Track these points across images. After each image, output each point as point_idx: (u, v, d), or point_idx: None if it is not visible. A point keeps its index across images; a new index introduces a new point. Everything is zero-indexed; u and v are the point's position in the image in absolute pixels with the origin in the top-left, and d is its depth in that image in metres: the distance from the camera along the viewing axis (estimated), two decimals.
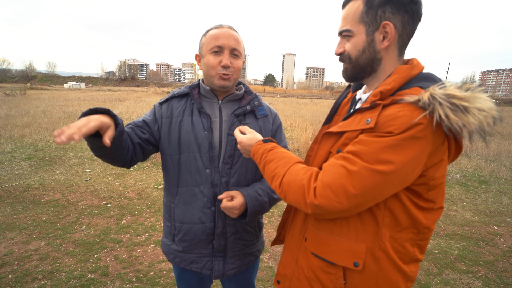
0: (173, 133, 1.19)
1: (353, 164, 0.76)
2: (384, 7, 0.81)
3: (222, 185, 1.18)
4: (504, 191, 5.07)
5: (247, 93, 1.29)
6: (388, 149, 0.73)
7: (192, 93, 1.22)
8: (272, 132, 1.32)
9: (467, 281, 2.56)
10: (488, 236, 3.41)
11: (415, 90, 0.78)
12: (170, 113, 1.21)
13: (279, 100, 29.69)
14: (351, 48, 0.88)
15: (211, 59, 1.13)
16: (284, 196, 0.87)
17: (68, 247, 2.86)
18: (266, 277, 2.53)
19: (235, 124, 1.20)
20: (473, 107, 0.72)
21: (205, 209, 1.19)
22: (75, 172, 5.09)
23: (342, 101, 1.09)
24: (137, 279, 2.44)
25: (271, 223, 3.54)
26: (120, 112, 12.72)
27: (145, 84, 78.40)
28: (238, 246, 1.26)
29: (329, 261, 0.88)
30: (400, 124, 0.73)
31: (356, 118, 0.84)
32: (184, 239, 1.21)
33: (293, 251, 1.03)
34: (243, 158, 1.21)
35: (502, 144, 8.97)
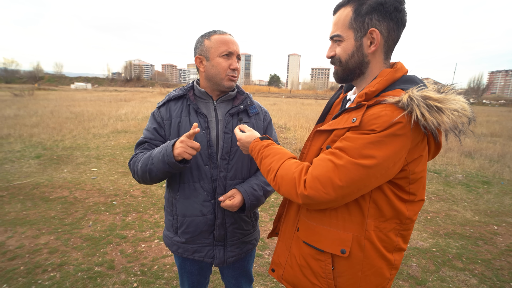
0: (173, 133, 1.28)
1: (340, 159, 0.83)
2: (371, 14, 0.89)
3: (221, 179, 1.28)
4: (506, 192, 5.07)
5: (239, 93, 1.38)
6: (370, 145, 0.81)
7: (188, 95, 1.31)
8: (264, 128, 1.42)
9: (463, 278, 2.60)
10: (487, 236, 3.44)
11: (397, 92, 0.86)
12: (169, 115, 1.30)
13: (284, 101, 29.70)
14: (341, 52, 0.96)
15: (222, 62, 1.23)
16: (278, 188, 0.94)
17: (76, 241, 2.97)
18: (266, 273, 2.61)
19: (230, 122, 1.30)
20: (446, 107, 0.79)
21: (205, 202, 1.28)
22: (82, 171, 5.22)
23: (334, 101, 1.16)
24: (142, 272, 2.53)
25: (272, 220, 3.62)
26: (126, 112, 12.91)
27: (150, 84, 79.04)
28: (237, 235, 1.35)
29: (318, 249, 0.95)
30: (382, 123, 0.80)
31: (343, 117, 0.91)
32: (187, 231, 1.30)
33: (287, 241, 1.10)
34: (239, 154, 1.31)
35: (508, 145, 8.92)
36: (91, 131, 8.77)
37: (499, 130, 12.17)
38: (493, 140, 9.80)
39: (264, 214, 3.80)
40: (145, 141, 1.33)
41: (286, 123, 10.88)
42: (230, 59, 1.24)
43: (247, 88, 74.43)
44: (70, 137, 7.89)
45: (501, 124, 14.81)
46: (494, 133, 11.60)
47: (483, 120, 16.24)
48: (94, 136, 8.11)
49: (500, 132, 11.72)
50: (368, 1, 0.89)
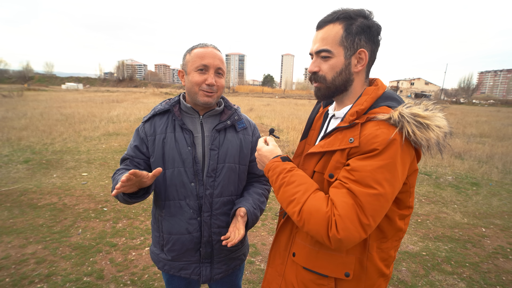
0: (157, 149, 1.25)
1: (357, 194, 0.81)
2: (360, 35, 0.92)
3: (207, 197, 1.25)
4: (494, 193, 5.16)
5: (227, 108, 1.34)
6: (381, 169, 0.81)
7: (173, 110, 1.27)
8: (252, 143, 1.38)
9: (452, 282, 2.64)
10: (475, 238, 3.50)
11: (384, 109, 0.89)
12: (154, 130, 1.27)
13: (278, 101, 29.76)
14: (329, 69, 0.95)
15: (196, 77, 1.18)
16: (302, 224, 0.86)
17: (65, 250, 2.92)
18: (258, 280, 2.60)
19: (216, 139, 1.26)
20: (433, 124, 0.84)
21: (191, 220, 1.25)
22: (72, 176, 5.15)
23: (315, 116, 1.17)
24: (132, 282, 2.50)
25: (264, 226, 3.62)
26: (118, 114, 12.76)
27: (143, 84, 78.33)
28: (224, 252, 1.33)
29: (322, 274, 0.94)
30: (382, 141, 0.82)
31: (337, 137, 0.91)
32: (173, 249, 1.28)
33: (278, 266, 1.09)
34: (226, 171, 1.27)
35: (496, 145, 9.09)
36: (82, 133, 8.65)
37: (488, 131, 12.40)
38: (482, 141, 9.98)
39: None
40: (127, 158, 1.31)
41: (279, 124, 10.90)
42: (205, 73, 1.19)
43: (241, 88, 74.30)
44: (60, 140, 7.77)
45: (490, 124, 15.09)
46: (483, 133, 11.81)
47: (472, 121, 16.52)
48: (85, 139, 8.00)
49: (489, 133, 11.94)
50: (356, 22, 0.91)
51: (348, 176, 0.84)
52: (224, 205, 1.29)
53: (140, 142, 1.28)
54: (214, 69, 1.20)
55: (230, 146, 1.28)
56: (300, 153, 1.14)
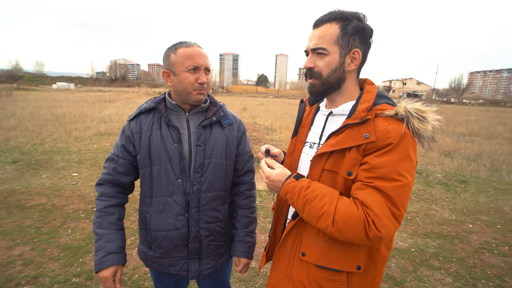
0: (144, 147, 1.25)
1: (385, 189, 0.86)
2: (355, 36, 0.96)
3: (194, 193, 1.27)
4: (482, 190, 5.27)
5: (212, 104, 1.36)
6: (401, 162, 0.87)
7: (159, 108, 1.28)
8: (238, 138, 1.41)
9: (439, 277, 2.69)
10: (463, 234, 3.56)
11: (385, 105, 0.95)
12: (139, 128, 1.27)
13: (271, 101, 29.81)
14: (324, 66, 0.98)
15: (188, 77, 1.20)
16: (339, 234, 0.87)
17: (53, 251, 2.89)
18: (249, 278, 2.61)
19: (202, 135, 1.28)
20: (429, 118, 0.92)
21: (179, 216, 1.26)
22: (62, 176, 5.08)
23: (303, 114, 1.21)
24: (122, 282, 2.48)
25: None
26: (110, 113, 12.63)
27: (136, 84, 77.67)
28: (212, 247, 1.35)
29: (336, 270, 0.97)
30: (396, 135, 0.88)
31: (348, 134, 0.93)
32: (161, 246, 1.28)
33: (283, 269, 1.09)
34: (212, 166, 1.29)
35: (484, 144, 9.27)
36: (73, 133, 8.54)
37: (477, 130, 12.64)
38: (471, 140, 10.16)
39: None
40: (113, 158, 1.31)
41: (272, 124, 10.92)
42: (197, 73, 1.21)
43: (235, 88, 74.17)
44: (50, 140, 7.65)
45: (479, 123, 15.38)
46: (473, 132, 12.03)
47: (462, 120, 16.80)
48: (76, 139, 7.90)
49: (478, 132, 12.17)
50: (351, 23, 0.96)
51: (370, 175, 0.88)
52: (212, 200, 1.31)
53: (126, 141, 1.29)
54: (204, 68, 1.23)
55: (216, 142, 1.30)
56: (292, 151, 1.17)
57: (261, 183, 5.18)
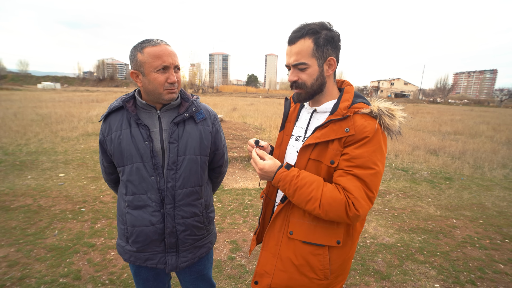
0: (115, 147, 1.26)
1: (363, 176, 1.01)
2: (327, 46, 1.09)
3: (169, 190, 1.27)
4: (465, 187, 5.43)
5: (184, 100, 1.33)
6: (375, 153, 1.03)
7: (126, 107, 1.26)
8: (212, 134, 1.39)
9: (424, 271, 2.77)
10: (447, 229, 3.68)
11: (362, 104, 1.09)
12: (109, 129, 1.28)
13: (261, 101, 29.86)
14: (307, 77, 1.11)
15: (158, 78, 1.17)
16: (325, 214, 1.02)
17: (39, 252, 2.83)
18: (238, 275, 2.63)
19: (175, 132, 1.26)
20: (397, 115, 1.07)
21: (154, 212, 1.27)
22: (48, 177, 4.98)
23: (289, 110, 1.33)
24: (110, 281, 2.47)
25: (245, 223, 3.65)
26: (97, 114, 12.42)
27: (124, 84, 76.45)
28: (189, 241, 1.35)
29: (319, 244, 1.12)
30: (370, 130, 1.03)
31: (332, 128, 1.07)
32: (137, 241, 1.29)
33: (272, 248, 1.21)
34: (186, 163, 1.29)
35: (468, 142, 9.54)
36: (59, 134, 8.36)
37: (462, 128, 13.00)
38: (456, 138, 10.45)
39: (237, 216, 3.82)
40: (100, 162, 1.40)
41: (262, 123, 10.96)
42: (166, 72, 1.19)
43: (224, 88, 73.84)
44: (36, 140, 7.48)
45: (464, 122, 15.82)
46: (457, 131, 12.37)
47: (447, 119, 17.25)
48: (62, 140, 7.74)
49: (462, 130, 12.52)
50: (321, 35, 1.07)
51: (350, 164, 1.03)
52: (187, 196, 1.31)
53: (101, 145, 1.33)
54: (173, 66, 1.20)
55: (189, 138, 1.29)
56: (280, 143, 1.30)
57: (250, 182, 5.21)
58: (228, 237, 3.26)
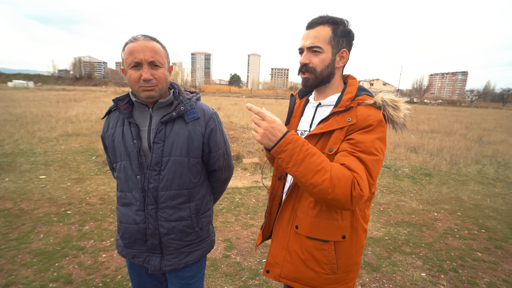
0: (110, 144, 1.29)
1: (365, 160, 0.99)
2: (343, 38, 1.12)
3: (150, 190, 1.24)
4: (444, 182, 5.72)
5: (175, 98, 1.28)
6: (378, 140, 1.03)
7: (119, 105, 1.27)
8: (205, 135, 1.30)
9: (411, 261, 2.91)
10: (429, 222, 3.87)
11: (365, 96, 1.11)
12: (107, 126, 1.32)
13: (245, 100, 29.86)
14: (319, 62, 1.12)
15: (132, 75, 1.15)
16: (331, 189, 0.92)
17: (25, 257, 2.72)
18: (234, 272, 2.65)
19: (161, 131, 1.22)
20: (402, 107, 1.09)
21: (138, 211, 1.27)
22: (28, 179, 4.77)
23: (294, 105, 1.35)
24: (104, 284, 2.41)
25: (238, 221, 3.67)
26: (76, 113, 11.98)
27: (103, 83, 74.00)
28: (173, 245, 1.29)
29: (323, 240, 1.12)
30: (374, 118, 1.04)
31: (335, 120, 1.09)
32: (124, 237, 1.32)
33: (282, 241, 1.22)
34: (171, 164, 1.23)
35: (444, 140, 10.02)
36: (37, 134, 8.00)
37: (438, 127, 13.63)
38: (433, 136, 10.94)
39: (229, 214, 3.83)
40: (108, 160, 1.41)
41: (248, 123, 10.98)
42: (139, 69, 1.14)
43: (207, 87, 73.09)
44: (11, 141, 7.12)
45: (439, 121, 16.58)
46: (434, 129, 12.96)
47: (424, 118, 18.00)
48: (41, 140, 7.42)
49: (438, 129, 13.13)
50: (340, 27, 1.11)
51: (354, 147, 1.01)
52: (172, 198, 1.25)
53: (103, 143, 1.35)
54: (147, 62, 1.13)
55: (176, 139, 1.23)
56: None
57: (239, 181, 5.23)
58: (222, 236, 3.27)
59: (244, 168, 5.90)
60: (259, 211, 3.98)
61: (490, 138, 10.93)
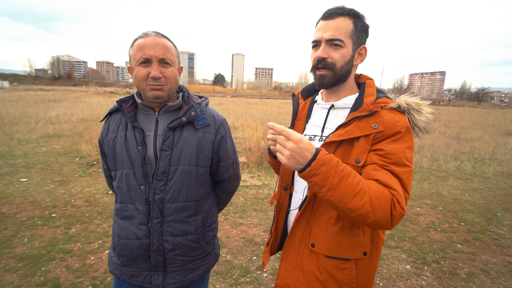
0: (110, 149, 1.17)
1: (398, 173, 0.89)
2: (363, 33, 1.02)
3: (156, 202, 1.14)
4: (425, 178, 5.95)
5: (184, 102, 1.21)
6: (408, 149, 0.93)
7: (122, 107, 1.18)
8: (216, 142, 1.24)
9: (396, 255, 3.03)
10: (412, 217, 4.03)
11: (386, 99, 1.00)
12: (107, 130, 1.21)
13: (230, 100, 29.81)
14: (339, 57, 0.99)
15: (140, 72, 1.08)
16: (372, 213, 0.82)
17: (9, 262, 2.64)
18: (225, 270, 2.67)
19: (169, 138, 1.14)
20: (424, 110, 0.99)
21: (141, 225, 1.15)
22: (8, 182, 4.59)
23: (299, 107, 1.22)
24: (94, 286, 2.38)
25: (227, 220, 3.69)
26: (57, 114, 11.58)
27: (84, 83, 71.79)
28: (178, 262, 1.20)
29: (345, 259, 1.00)
30: (402, 124, 0.94)
31: (357, 125, 0.96)
32: (122, 254, 1.18)
33: (293, 260, 1.09)
34: (179, 174, 1.15)
35: (424, 138, 10.39)
36: (15, 136, 7.70)
37: None
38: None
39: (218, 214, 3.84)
40: (103, 166, 1.31)
41: (233, 122, 10.98)
42: (149, 66, 1.07)
43: (191, 87, 72.37)
44: None
45: None
46: None
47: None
48: (20, 142, 7.14)
49: None
50: (359, 22, 1.00)
51: (385, 160, 0.90)
52: (179, 211, 1.16)
53: (101, 147, 1.25)
54: (157, 59, 1.07)
55: (185, 146, 1.15)
56: None
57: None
58: None
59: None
60: (247, 210, 4.02)
61: (467, 136, 11.43)
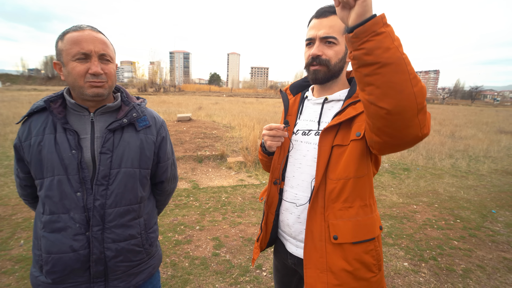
0: (34, 155, 1.05)
1: None
2: None
3: (96, 209, 1.06)
4: (421, 176, 6.01)
5: (124, 103, 1.15)
6: None
7: (51, 108, 1.06)
8: (157, 143, 1.22)
9: (394, 252, 3.06)
10: (409, 214, 4.06)
11: None
12: (28, 133, 1.06)
13: (226, 100, 29.78)
14: (333, 55, 1.03)
15: (77, 67, 1.00)
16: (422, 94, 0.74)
17: (5, 265, 2.61)
18: (225, 270, 2.67)
19: (109, 140, 1.08)
20: None
21: (77, 236, 1.05)
22: (3, 184, 4.53)
23: (288, 103, 1.24)
24: None
25: (225, 219, 3.69)
26: None
27: None
28: (121, 269, 1.13)
29: (369, 239, 0.99)
30: None
31: (353, 108, 0.99)
32: (53, 271, 1.05)
33: (318, 263, 1.02)
34: (121, 177, 1.10)
35: None
36: (9, 137, 7.60)
37: None
38: None
39: (216, 213, 3.84)
40: (15, 172, 1.16)
41: (230, 122, 10.97)
42: (88, 61, 1.00)
43: (187, 87, 72.11)
44: None
45: None
46: None
47: None
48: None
49: None
50: None
51: None
52: (121, 216, 1.10)
53: (17, 152, 1.09)
54: (97, 55, 1.01)
55: (127, 148, 1.10)
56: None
57: (225, 180, 5.24)
58: (210, 235, 3.28)
59: (229, 167, 5.92)
60: (245, 209, 4.02)
61: (462, 134, 11.57)
